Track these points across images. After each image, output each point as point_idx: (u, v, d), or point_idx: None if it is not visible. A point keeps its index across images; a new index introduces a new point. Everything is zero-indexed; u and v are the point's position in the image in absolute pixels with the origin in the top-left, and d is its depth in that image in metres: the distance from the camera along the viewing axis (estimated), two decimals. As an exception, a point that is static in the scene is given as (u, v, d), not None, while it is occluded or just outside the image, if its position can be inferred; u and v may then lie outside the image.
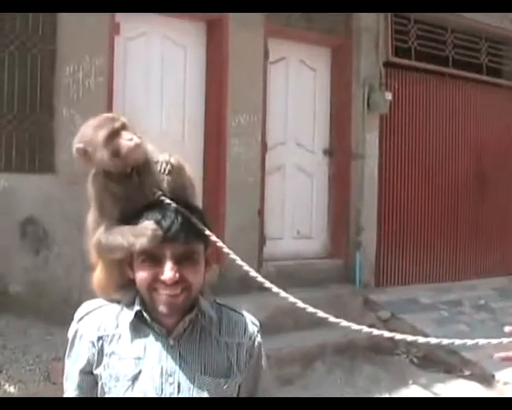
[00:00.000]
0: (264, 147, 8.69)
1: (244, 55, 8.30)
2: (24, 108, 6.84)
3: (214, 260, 2.37)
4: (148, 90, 7.94)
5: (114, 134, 2.20)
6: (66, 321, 2.35)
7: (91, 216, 2.31)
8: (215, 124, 8.34)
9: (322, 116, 9.62)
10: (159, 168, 2.22)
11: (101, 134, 2.20)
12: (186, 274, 2.18)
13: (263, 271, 7.66)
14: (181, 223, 2.18)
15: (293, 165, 9.34)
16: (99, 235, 2.24)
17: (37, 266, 6.85)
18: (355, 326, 2.21)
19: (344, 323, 2.20)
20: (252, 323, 2.39)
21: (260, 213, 8.60)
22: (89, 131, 2.24)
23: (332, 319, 2.19)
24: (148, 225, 2.16)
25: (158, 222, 2.16)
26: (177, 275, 2.16)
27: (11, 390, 5.55)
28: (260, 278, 2.34)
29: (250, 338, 2.34)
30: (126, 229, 2.20)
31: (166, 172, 2.21)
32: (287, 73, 9.26)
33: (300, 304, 2.23)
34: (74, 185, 6.60)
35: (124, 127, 2.23)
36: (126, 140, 2.20)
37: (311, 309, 2.21)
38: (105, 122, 2.24)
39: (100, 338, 2.25)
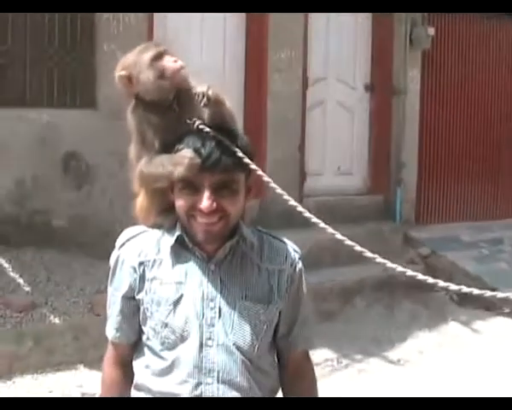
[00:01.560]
0: (304, 82, 8.62)
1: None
2: (64, 43, 6.83)
3: (256, 189, 2.35)
4: (189, 26, 7.87)
5: (159, 56, 2.22)
6: (109, 254, 2.37)
7: (133, 148, 2.32)
8: (256, 59, 8.28)
9: (364, 52, 9.50)
10: (196, 99, 2.20)
11: (147, 56, 2.22)
12: (224, 203, 2.18)
13: (303, 206, 7.61)
14: (220, 151, 2.16)
15: (334, 100, 9.25)
16: (141, 166, 2.26)
17: (79, 199, 6.92)
18: (390, 264, 2.18)
19: (379, 259, 2.18)
20: (293, 250, 2.38)
21: (301, 148, 8.57)
22: (132, 57, 2.26)
23: (368, 254, 2.17)
24: (186, 154, 2.16)
25: (196, 150, 2.16)
26: (215, 204, 2.16)
27: (56, 322, 5.66)
28: (300, 208, 2.32)
29: (291, 265, 2.34)
30: (166, 158, 2.20)
31: (203, 103, 2.19)
32: (327, 22, 9.12)
33: (339, 236, 2.21)
34: (116, 120, 6.64)
35: (167, 52, 2.25)
36: (171, 62, 2.22)
37: (348, 242, 2.19)
38: (148, 47, 2.27)
39: (141, 264, 2.27)
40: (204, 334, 2.20)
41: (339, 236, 2.22)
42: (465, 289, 2.13)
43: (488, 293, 2.11)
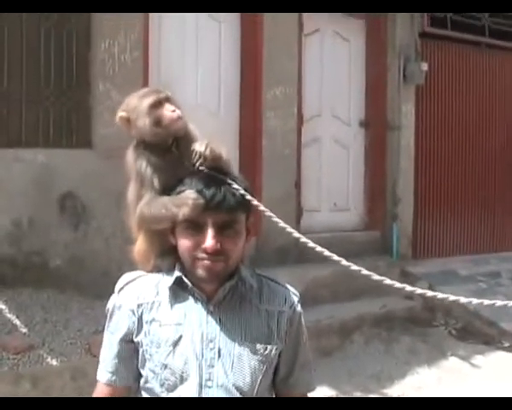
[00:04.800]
0: (300, 119, 8.66)
1: (279, 27, 8.24)
2: (60, 83, 6.87)
3: (254, 229, 2.37)
4: (183, 64, 7.92)
5: (158, 104, 2.28)
6: (106, 294, 2.37)
7: (132, 189, 2.35)
8: (251, 96, 8.32)
9: (358, 87, 9.56)
10: (192, 158, 2.24)
11: (146, 102, 2.28)
12: (227, 243, 2.20)
13: (300, 243, 7.62)
14: (223, 191, 2.20)
15: (330, 137, 9.30)
16: (142, 207, 2.28)
17: (76, 240, 6.90)
18: (388, 281, 2.30)
19: (376, 277, 2.28)
20: (292, 293, 2.39)
21: (297, 185, 8.59)
22: (133, 100, 2.32)
23: (364, 271, 2.25)
24: (189, 194, 2.18)
25: (200, 191, 2.19)
26: (219, 244, 2.18)
27: (53, 363, 5.61)
28: (311, 243, 2.38)
29: (290, 307, 2.35)
30: (168, 199, 2.23)
31: (198, 163, 2.23)
32: (321, 44, 9.21)
33: (355, 267, 2.27)
34: (112, 160, 6.66)
35: (167, 100, 2.30)
36: (169, 111, 2.27)
37: (365, 272, 2.24)
38: (150, 92, 2.33)
39: (140, 306, 2.27)
40: (203, 375, 2.20)
41: (354, 267, 2.27)
42: (440, 295, 2.21)
43: (463, 299, 2.17)
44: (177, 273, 2.27)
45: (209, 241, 2.17)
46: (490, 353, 7.54)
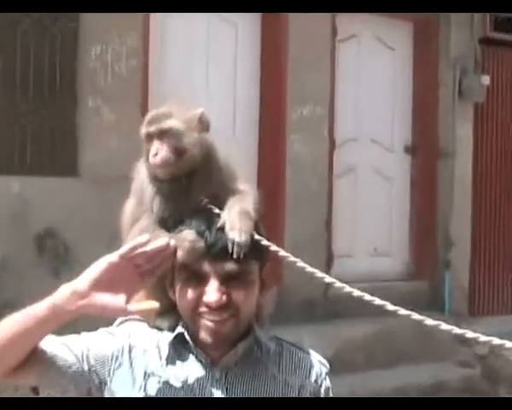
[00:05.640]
0: (331, 144, 8.68)
1: (307, 32, 8.28)
2: (40, 97, 6.88)
3: (272, 282, 2.35)
4: (191, 76, 7.96)
5: (149, 137, 2.32)
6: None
7: (129, 205, 2.39)
8: (272, 116, 8.36)
9: (403, 106, 9.57)
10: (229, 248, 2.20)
11: (141, 131, 2.34)
12: (235, 297, 2.18)
13: (330, 294, 7.62)
14: None
15: (368, 166, 9.31)
16: (135, 232, 2.30)
17: (57, 288, 6.87)
18: (416, 316, 2.25)
19: (402, 311, 2.23)
20: (319, 362, 2.36)
21: (327, 224, 8.58)
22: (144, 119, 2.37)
23: (429, 321, 2.18)
24: (187, 236, 2.18)
25: (201, 233, 2.18)
26: (224, 297, 2.16)
27: None
28: (357, 292, 2.22)
29: (316, 381, 2.32)
30: (164, 235, 2.23)
31: (235, 255, 2.18)
32: (359, 53, 9.24)
33: (430, 321, 2.22)
34: (102, 191, 6.66)
35: (160, 134, 2.31)
36: (153, 152, 2.29)
37: (445, 327, 2.19)
38: (147, 119, 2.37)
39: (132, 348, 2.27)
40: None
41: (429, 321, 2.27)
42: (430, 321, 2.15)
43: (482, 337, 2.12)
44: (179, 329, 2.26)
45: (212, 294, 2.16)
46: None
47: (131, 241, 2.25)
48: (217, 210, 2.24)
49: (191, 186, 2.30)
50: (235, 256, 2.16)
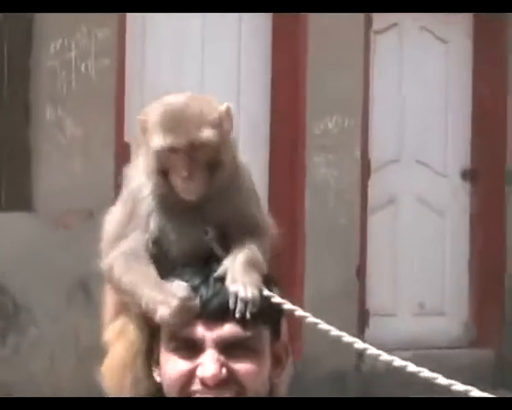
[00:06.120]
0: (365, 167, 8.68)
1: (332, 23, 8.27)
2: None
3: (288, 356, 2.26)
4: (181, 80, 7.98)
5: (171, 150, 2.20)
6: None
7: (115, 214, 2.29)
8: (287, 132, 8.38)
9: (460, 117, 9.57)
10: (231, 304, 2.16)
11: (156, 144, 2.24)
12: (238, 364, 2.12)
13: (364, 366, 7.59)
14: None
15: (413, 195, 9.32)
16: (116, 256, 2.22)
17: (3, 359, 6.87)
18: (476, 392, 2.09)
19: (459, 386, 2.09)
20: None
21: (360, 273, 8.56)
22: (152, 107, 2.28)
23: (442, 379, 2.08)
24: (176, 290, 2.12)
25: (196, 288, 2.12)
26: (224, 371, 2.10)
27: None
28: (400, 361, 2.18)
29: None
30: (152, 278, 2.17)
31: (238, 315, 2.13)
32: (401, 47, 9.25)
33: (477, 392, 2.13)
34: (62, 229, 6.65)
35: (186, 149, 2.17)
36: (182, 175, 2.18)
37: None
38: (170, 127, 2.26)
39: None
40: None
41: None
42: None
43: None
44: None
45: (208, 367, 2.08)
46: None
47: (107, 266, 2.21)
48: (220, 251, 2.18)
49: (206, 209, 2.23)
50: (237, 316, 2.11)
